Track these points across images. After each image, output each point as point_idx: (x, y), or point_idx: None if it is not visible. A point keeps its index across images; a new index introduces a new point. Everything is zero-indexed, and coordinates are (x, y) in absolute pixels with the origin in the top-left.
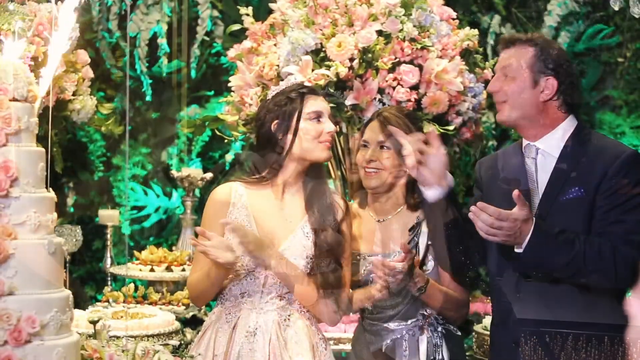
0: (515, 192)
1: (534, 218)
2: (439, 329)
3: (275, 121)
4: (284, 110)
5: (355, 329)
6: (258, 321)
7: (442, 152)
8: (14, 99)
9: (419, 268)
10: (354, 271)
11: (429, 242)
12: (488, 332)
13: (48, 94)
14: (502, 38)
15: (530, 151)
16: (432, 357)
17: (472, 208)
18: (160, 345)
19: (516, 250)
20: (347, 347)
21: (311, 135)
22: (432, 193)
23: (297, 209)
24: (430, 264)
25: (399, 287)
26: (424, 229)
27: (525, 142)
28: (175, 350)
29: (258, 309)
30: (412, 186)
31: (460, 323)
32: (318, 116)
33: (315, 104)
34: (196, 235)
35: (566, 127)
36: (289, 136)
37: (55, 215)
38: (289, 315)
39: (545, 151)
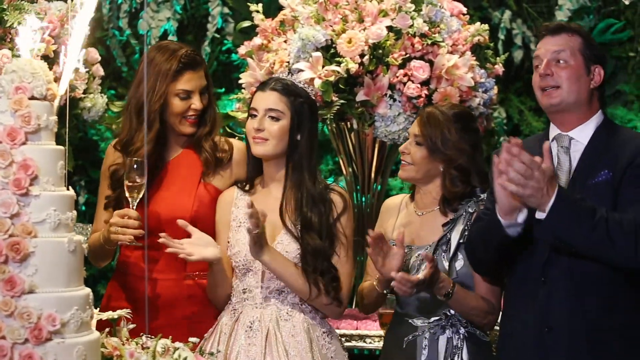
0: (545, 145)
1: (557, 184)
2: (462, 331)
3: None
4: None
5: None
6: (257, 316)
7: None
8: (33, 97)
9: (449, 264)
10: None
11: (461, 241)
12: None
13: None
14: (544, 25)
15: (562, 140)
16: (450, 359)
17: (504, 156)
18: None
19: (537, 216)
20: (360, 344)
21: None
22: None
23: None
24: (459, 263)
25: (421, 291)
26: (459, 226)
27: (555, 131)
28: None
29: (258, 304)
30: (446, 194)
31: (489, 329)
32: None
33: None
34: None
35: (597, 120)
36: None
37: (75, 213)
38: (288, 310)
39: (577, 141)
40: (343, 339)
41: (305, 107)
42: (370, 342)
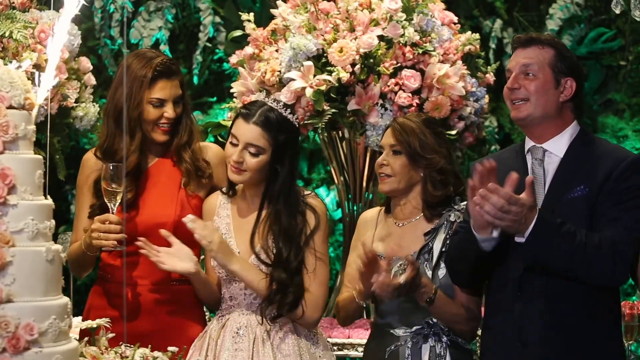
0: (529, 178)
1: (538, 208)
2: (444, 339)
3: None
4: None
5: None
6: (244, 322)
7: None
8: (11, 107)
9: (432, 273)
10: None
11: (443, 249)
12: None
13: (51, 101)
14: (516, 38)
15: (536, 152)
16: None
17: (481, 191)
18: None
19: (517, 239)
20: (352, 352)
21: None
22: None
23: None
24: (442, 271)
25: (402, 296)
26: (441, 234)
27: (530, 143)
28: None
29: (245, 311)
30: (429, 198)
31: (470, 337)
32: None
33: None
34: None
35: (572, 131)
36: None
37: (53, 222)
38: (274, 314)
39: (552, 153)
40: (335, 348)
41: (288, 141)
42: (362, 351)
